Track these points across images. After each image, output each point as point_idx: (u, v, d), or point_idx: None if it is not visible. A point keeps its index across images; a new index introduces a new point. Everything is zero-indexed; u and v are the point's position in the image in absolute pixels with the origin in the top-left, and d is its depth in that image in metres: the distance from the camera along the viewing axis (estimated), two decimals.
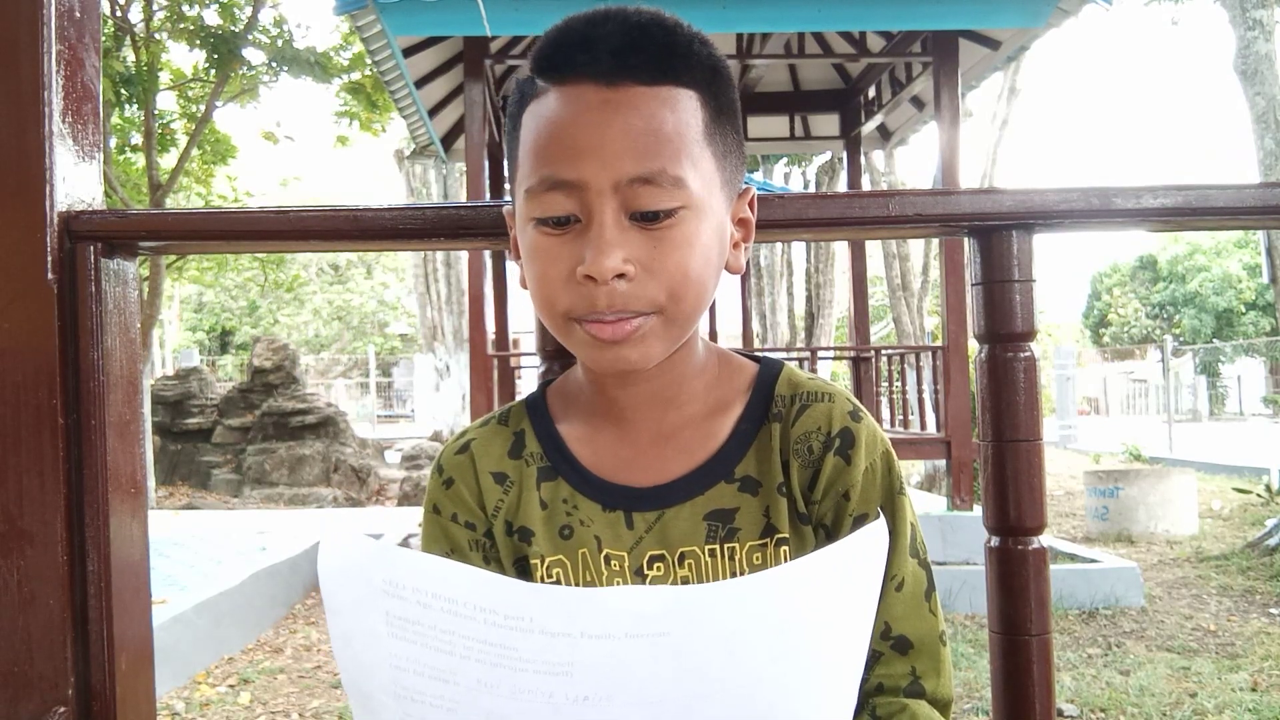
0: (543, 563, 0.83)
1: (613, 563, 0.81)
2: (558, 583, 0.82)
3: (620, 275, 0.71)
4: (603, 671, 0.52)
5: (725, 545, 0.80)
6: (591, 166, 0.71)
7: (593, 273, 0.70)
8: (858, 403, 0.84)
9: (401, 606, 0.53)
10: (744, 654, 0.54)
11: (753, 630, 0.53)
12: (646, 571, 0.81)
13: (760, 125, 9.24)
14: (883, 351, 7.80)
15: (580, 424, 0.86)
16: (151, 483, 9.89)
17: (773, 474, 0.81)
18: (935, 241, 9.46)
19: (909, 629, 0.80)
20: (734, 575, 0.80)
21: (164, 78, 9.51)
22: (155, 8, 8.79)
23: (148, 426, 9.74)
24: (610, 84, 0.72)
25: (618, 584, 0.81)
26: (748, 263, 0.86)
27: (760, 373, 0.86)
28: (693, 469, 0.82)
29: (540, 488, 0.84)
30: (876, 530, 0.57)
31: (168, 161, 10.32)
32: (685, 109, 0.73)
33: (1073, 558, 6.10)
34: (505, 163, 0.81)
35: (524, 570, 0.84)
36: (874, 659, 0.79)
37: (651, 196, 0.71)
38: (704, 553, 0.80)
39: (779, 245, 14.33)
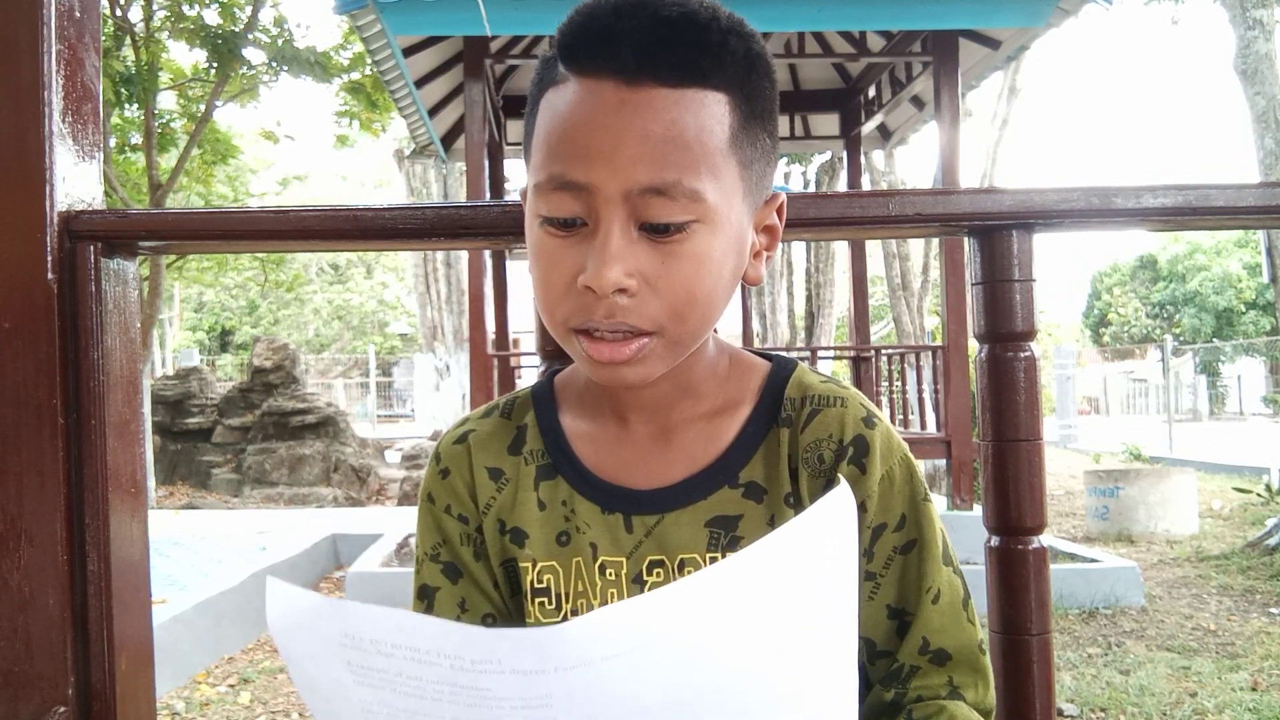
0: (534, 567, 0.80)
1: (608, 572, 0.79)
2: (548, 589, 0.80)
3: (622, 290, 0.68)
4: (585, 696, 0.50)
5: (728, 554, 0.74)
6: (603, 172, 0.67)
7: (592, 285, 0.67)
8: (872, 407, 0.80)
9: (363, 656, 0.51)
10: (727, 646, 0.51)
11: (730, 620, 0.51)
12: (646, 578, 0.78)
13: None
14: (883, 351, 7.79)
15: (584, 420, 0.84)
16: (151, 483, 9.89)
17: (780, 482, 0.78)
18: (935, 241, 9.46)
19: (948, 642, 0.77)
20: None
21: (164, 77, 9.51)
22: (155, 7, 8.79)
23: (148, 426, 9.74)
24: (631, 84, 0.67)
25: (612, 594, 0.79)
26: None
27: (771, 373, 0.83)
28: (695, 472, 0.79)
29: (539, 487, 0.82)
30: (841, 494, 0.54)
31: (168, 161, 10.31)
32: (711, 114, 0.68)
33: (1073, 557, 6.09)
34: (523, 140, 0.77)
35: (512, 572, 0.82)
36: (912, 673, 0.77)
37: (663, 208, 0.67)
38: (705, 560, 0.77)
39: (779, 245, 14.30)
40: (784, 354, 0.88)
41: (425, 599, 0.83)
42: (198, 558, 6.16)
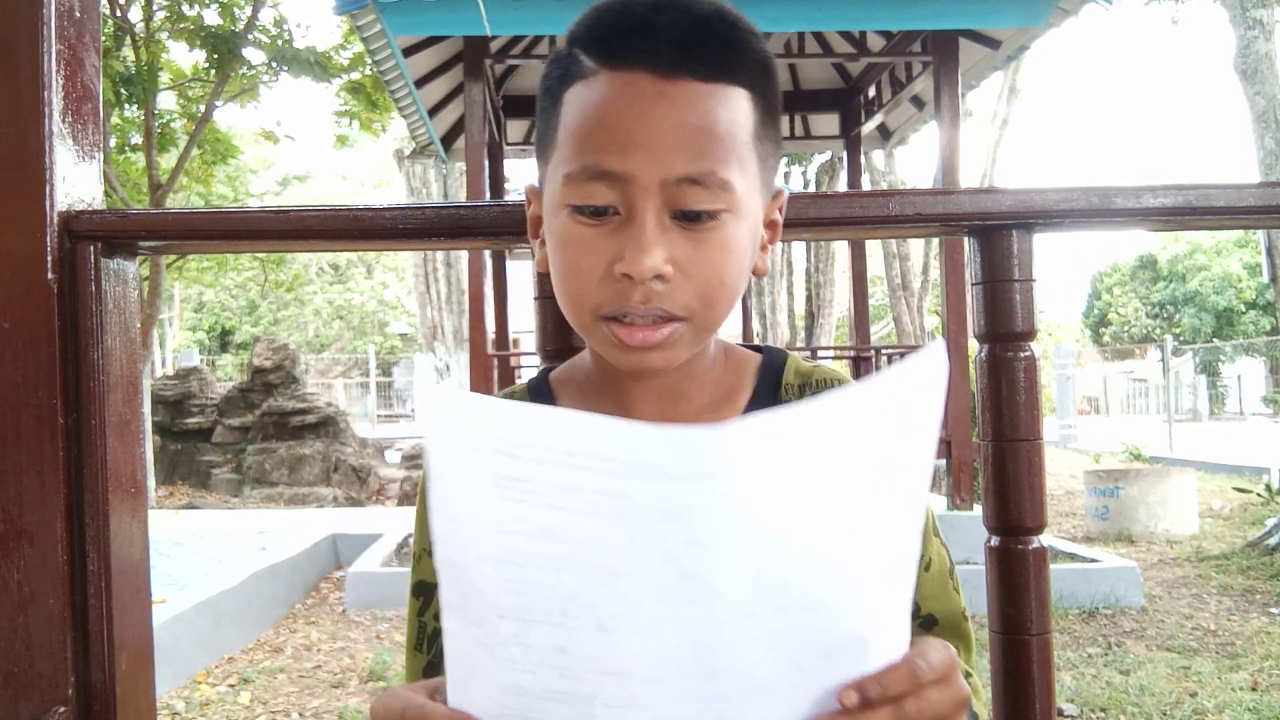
0: None
1: None
2: None
3: (659, 276, 0.69)
4: (714, 511, 0.51)
5: None
6: (641, 160, 0.68)
7: (632, 272, 0.68)
8: None
9: (515, 465, 0.52)
10: (839, 481, 0.53)
11: (845, 454, 0.53)
12: None
13: None
14: (883, 351, 7.80)
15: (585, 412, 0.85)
16: (151, 483, 9.89)
17: None
18: (935, 241, 9.46)
19: (936, 607, 0.81)
20: None
21: (164, 78, 9.51)
22: (155, 8, 8.79)
23: (148, 426, 9.74)
24: (667, 76, 0.69)
25: None
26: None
27: (764, 362, 0.85)
28: None
29: None
30: (937, 350, 0.55)
31: (168, 161, 10.32)
32: (738, 109, 0.71)
33: (1073, 557, 6.10)
34: (535, 138, 0.78)
35: None
36: None
37: (697, 197, 0.69)
38: None
39: (779, 245, 14.32)
40: (770, 345, 0.90)
41: (421, 595, 0.84)
42: (198, 558, 6.16)
